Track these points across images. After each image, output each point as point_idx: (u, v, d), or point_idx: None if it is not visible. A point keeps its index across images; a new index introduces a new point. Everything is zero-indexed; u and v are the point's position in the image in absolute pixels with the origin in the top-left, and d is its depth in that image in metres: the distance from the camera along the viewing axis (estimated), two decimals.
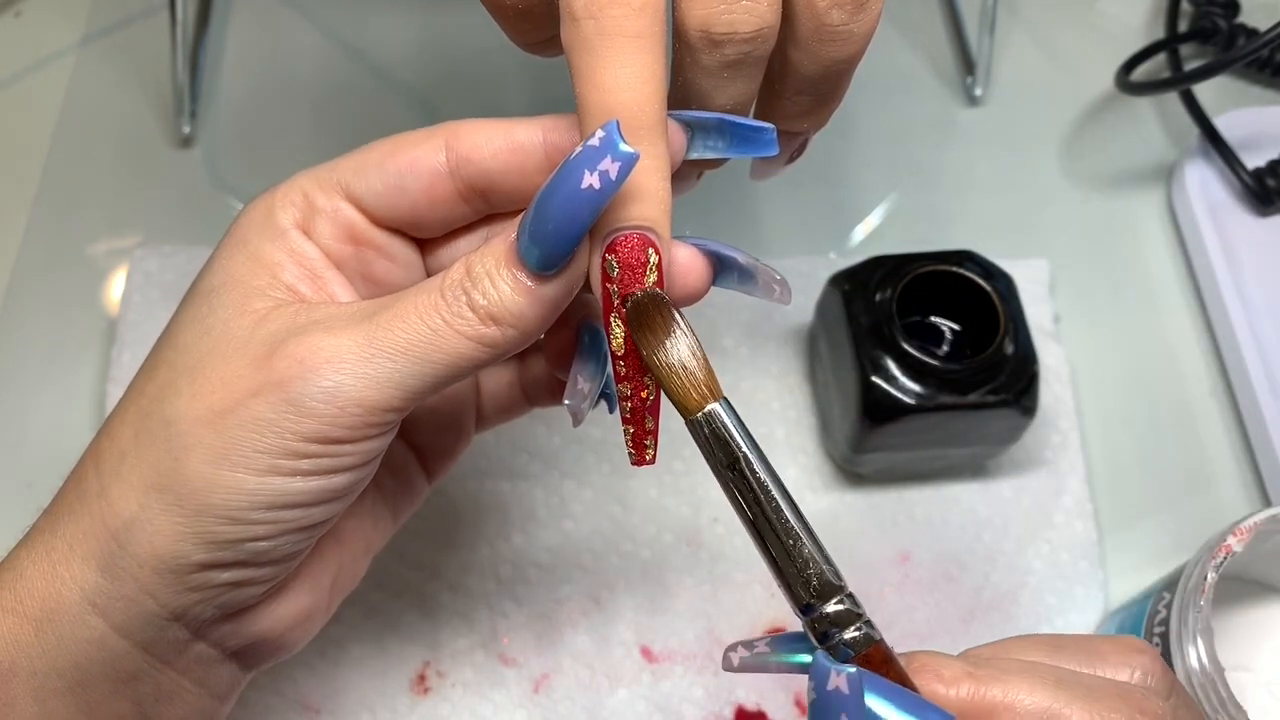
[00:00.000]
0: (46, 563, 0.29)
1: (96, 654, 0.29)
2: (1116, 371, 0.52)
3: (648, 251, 0.28)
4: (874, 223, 0.55)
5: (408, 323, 0.28)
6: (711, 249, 0.30)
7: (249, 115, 0.57)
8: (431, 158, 0.30)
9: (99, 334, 0.50)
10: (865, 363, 0.43)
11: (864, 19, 0.29)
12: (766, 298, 0.32)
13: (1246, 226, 0.54)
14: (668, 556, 0.46)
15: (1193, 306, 0.53)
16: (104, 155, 0.55)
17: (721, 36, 0.27)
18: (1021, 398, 0.43)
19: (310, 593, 0.32)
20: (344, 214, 0.31)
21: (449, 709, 0.43)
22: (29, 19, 0.59)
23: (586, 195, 0.26)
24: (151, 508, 0.28)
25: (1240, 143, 0.54)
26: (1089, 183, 0.57)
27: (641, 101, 0.27)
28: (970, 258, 0.45)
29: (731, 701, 0.43)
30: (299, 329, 0.28)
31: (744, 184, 0.49)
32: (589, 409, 0.32)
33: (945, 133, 0.58)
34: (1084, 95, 0.59)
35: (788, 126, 0.32)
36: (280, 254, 0.30)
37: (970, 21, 0.59)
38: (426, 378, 0.28)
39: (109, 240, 0.53)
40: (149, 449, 0.28)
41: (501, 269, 0.28)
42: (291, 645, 0.33)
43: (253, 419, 0.28)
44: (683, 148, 0.29)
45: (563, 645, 0.44)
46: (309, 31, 0.59)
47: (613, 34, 0.26)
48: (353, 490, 0.30)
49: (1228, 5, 0.58)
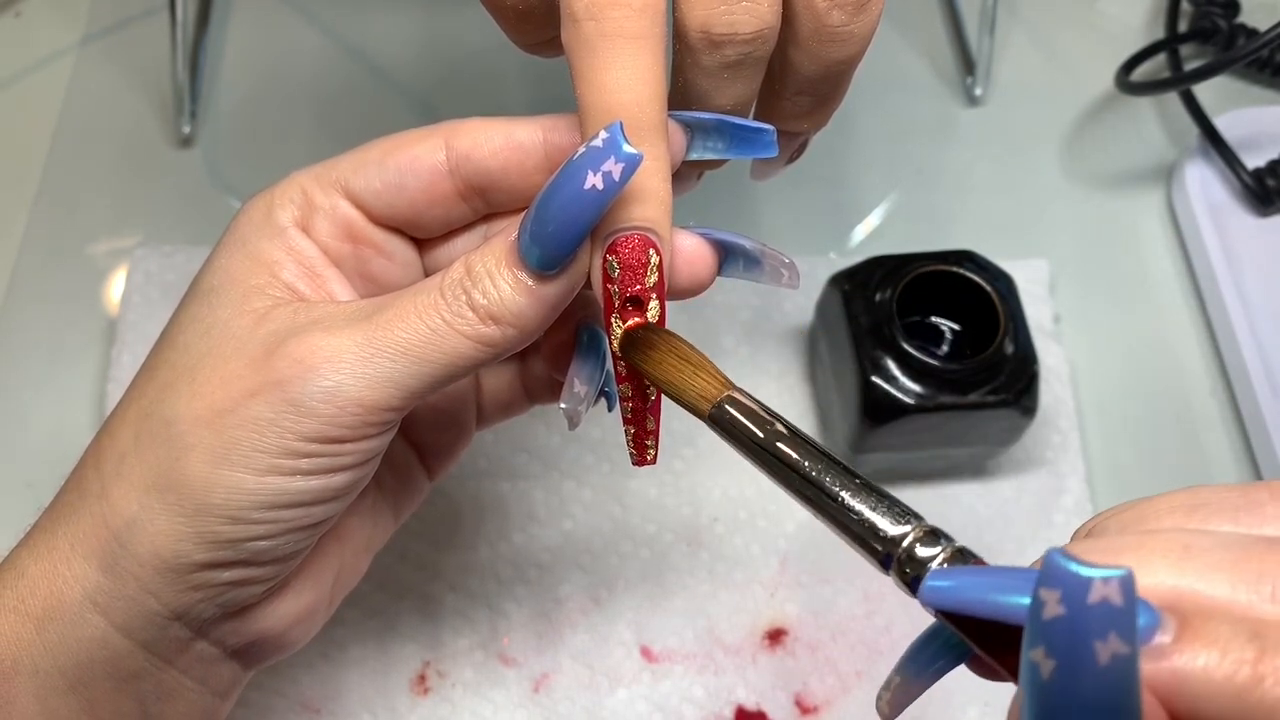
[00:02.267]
0: (48, 561, 0.29)
1: (98, 653, 0.29)
2: (1116, 371, 0.52)
3: (649, 252, 0.28)
4: (874, 223, 0.55)
5: (407, 322, 0.28)
6: (716, 237, 0.30)
7: (249, 115, 0.57)
8: (431, 156, 0.30)
9: (99, 334, 0.50)
10: (865, 363, 0.43)
11: (864, 19, 0.29)
12: (774, 283, 0.32)
13: (1246, 226, 0.54)
14: (667, 556, 0.46)
15: (1193, 306, 0.53)
16: (104, 155, 0.55)
17: (722, 37, 0.27)
18: (1021, 398, 0.43)
19: (311, 591, 0.32)
20: (343, 212, 0.31)
21: (449, 709, 0.43)
22: (29, 19, 0.59)
23: (589, 196, 0.26)
24: (152, 507, 0.28)
25: (1240, 143, 0.54)
26: (1089, 183, 0.57)
27: (642, 102, 0.27)
28: (970, 258, 0.45)
29: (731, 701, 0.43)
30: (298, 328, 0.28)
31: (744, 184, 0.49)
32: (585, 411, 0.32)
33: (945, 133, 0.58)
34: (1084, 95, 0.59)
35: (788, 127, 0.32)
36: (279, 252, 0.30)
37: (970, 21, 0.59)
38: (426, 377, 0.28)
39: (109, 240, 0.53)
40: (149, 449, 0.29)
41: (502, 268, 0.28)
42: (293, 643, 0.33)
43: (252, 418, 0.28)
44: (682, 148, 0.29)
45: (563, 645, 0.44)
46: (309, 31, 0.59)
47: (613, 35, 0.26)
48: (353, 489, 0.30)
49: (1228, 5, 0.58)
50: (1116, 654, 0.18)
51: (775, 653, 0.44)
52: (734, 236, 0.31)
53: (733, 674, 0.44)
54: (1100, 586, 0.18)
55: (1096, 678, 0.18)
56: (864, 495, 0.25)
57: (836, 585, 0.45)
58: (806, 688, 0.43)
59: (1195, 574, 0.20)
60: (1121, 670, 0.18)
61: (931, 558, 0.23)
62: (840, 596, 0.45)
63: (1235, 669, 0.18)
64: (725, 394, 0.28)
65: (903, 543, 0.24)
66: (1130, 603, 0.18)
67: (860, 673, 0.44)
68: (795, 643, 0.44)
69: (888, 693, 0.26)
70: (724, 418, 0.27)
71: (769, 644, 0.44)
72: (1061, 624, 0.18)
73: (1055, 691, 0.18)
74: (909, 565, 0.23)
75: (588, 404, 0.32)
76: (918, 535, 0.24)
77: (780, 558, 0.46)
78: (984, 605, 0.21)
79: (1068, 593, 0.18)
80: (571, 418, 0.31)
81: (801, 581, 0.45)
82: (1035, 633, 0.18)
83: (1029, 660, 0.18)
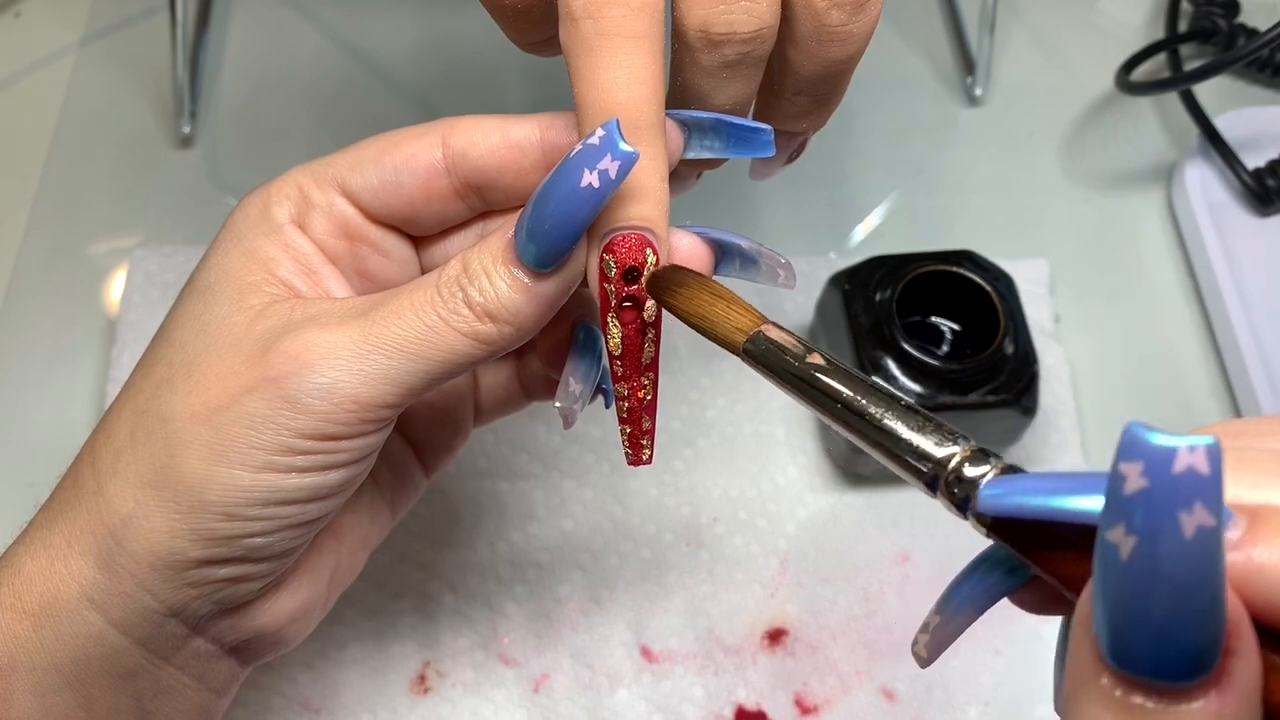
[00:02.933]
0: (45, 559, 0.29)
1: (95, 650, 0.29)
2: (1116, 371, 0.51)
3: (645, 252, 0.28)
4: (874, 223, 0.55)
5: (404, 319, 0.28)
6: (713, 236, 0.30)
7: (249, 115, 0.57)
8: (428, 154, 0.30)
9: (99, 334, 0.50)
10: (865, 363, 0.43)
11: (863, 19, 0.29)
12: (771, 283, 0.32)
13: (1246, 226, 0.54)
14: (667, 556, 0.46)
15: (1193, 306, 0.53)
16: (104, 155, 0.55)
17: (720, 37, 0.27)
18: (1021, 398, 0.43)
19: (308, 588, 0.32)
20: (339, 209, 0.31)
21: (449, 709, 0.43)
22: (29, 19, 0.59)
23: (585, 194, 0.26)
24: (148, 504, 0.28)
25: (1240, 143, 0.54)
26: (1089, 183, 0.57)
27: (640, 101, 0.27)
28: (970, 258, 0.45)
29: (731, 701, 0.43)
30: (294, 325, 0.28)
31: (744, 183, 0.49)
32: (580, 410, 0.32)
33: (945, 133, 0.58)
34: (1084, 95, 0.59)
35: (787, 127, 0.32)
36: (275, 249, 0.30)
37: (970, 21, 0.59)
38: (422, 374, 0.28)
39: (109, 240, 0.53)
40: (145, 446, 0.29)
41: (498, 266, 0.28)
42: (290, 640, 0.33)
43: (248, 415, 0.28)
44: (679, 147, 0.29)
45: (563, 645, 0.44)
46: (309, 31, 0.59)
47: (611, 34, 0.26)
48: (349, 486, 0.30)
49: (1228, 5, 0.58)
50: (1202, 526, 0.17)
51: (775, 653, 0.44)
52: (730, 236, 0.31)
53: (733, 674, 0.44)
54: (1186, 455, 0.16)
55: (1182, 551, 0.17)
56: (908, 418, 0.24)
57: (836, 585, 0.45)
58: (806, 688, 0.43)
59: (1251, 483, 0.20)
60: (1208, 545, 0.17)
61: (981, 476, 0.22)
62: (840, 596, 0.45)
63: None
64: (759, 327, 0.27)
65: (950, 463, 0.23)
66: (1217, 472, 0.17)
67: (860, 673, 0.44)
68: (795, 643, 0.44)
69: (925, 635, 0.25)
70: (759, 350, 0.27)
71: (769, 644, 0.44)
72: (1144, 497, 0.17)
73: (1136, 572, 0.17)
74: (957, 485, 0.23)
75: (583, 403, 0.32)
76: (965, 455, 0.23)
77: (780, 558, 0.46)
78: (1048, 509, 0.20)
79: (1151, 464, 0.17)
80: (566, 416, 0.31)
81: (801, 581, 0.45)
82: (1115, 510, 0.17)
83: (1105, 543, 0.17)
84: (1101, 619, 0.18)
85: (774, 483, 0.47)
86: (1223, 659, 0.17)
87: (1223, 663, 0.17)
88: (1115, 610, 0.18)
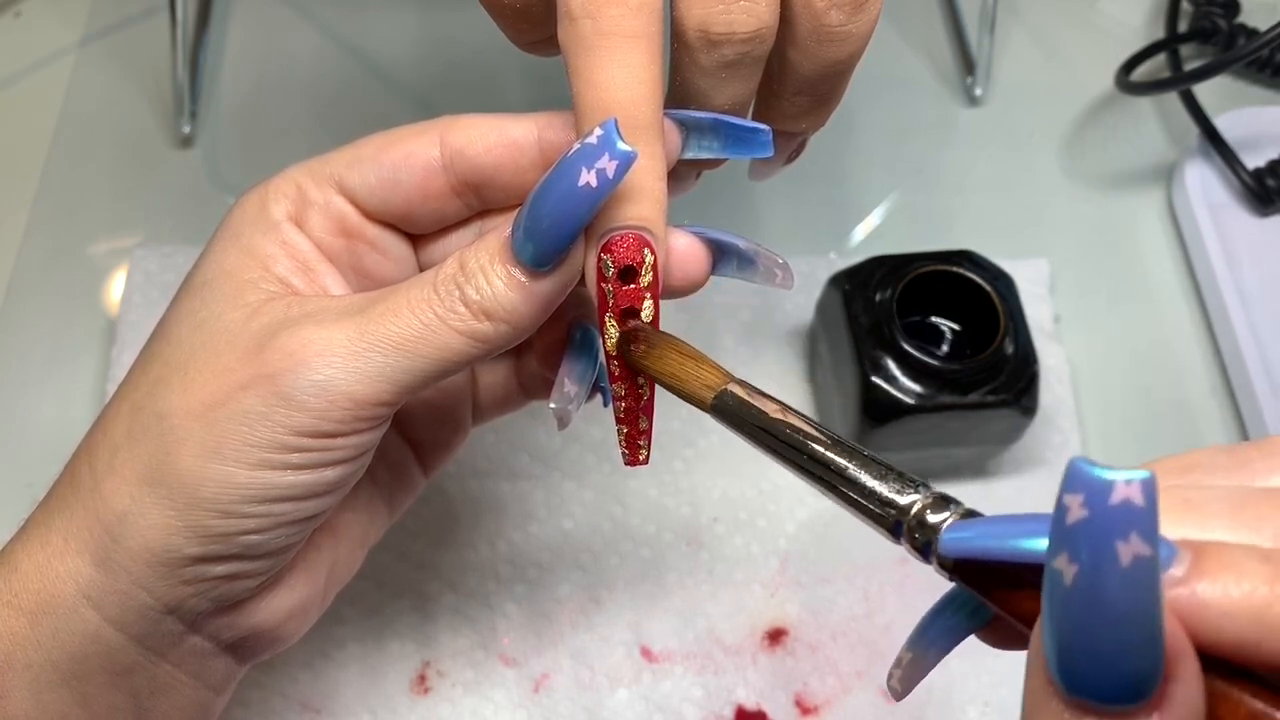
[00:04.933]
0: (41, 556, 0.29)
1: (91, 647, 0.29)
2: (1116, 371, 0.51)
3: (643, 251, 0.28)
4: (874, 223, 0.55)
5: (400, 317, 0.28)
6: (710, 236, 0.30)
7: (249, 115, 0.57)
8: (425, 152, 0.30)
9: (99, 334, 0.50)
10: (865, 363, 0.43)
11: (862, 19, 0.29)
12: (768, 283, 0.32)
13: (1246, 226, 0.53)
14: (667, 556, 0.46)
15: (1193, 306, 0.53)
16: (104, 155, 0.55)
17: (720, 37, 0.27)
18: (1021, 398, 0.43)
19: (305, 585, 0.32)
20: (336, 207, 0.31)
21: (449, 709, 0.43)
22: (29, 19, 0.59)
23: (583, 193, 0.26)
24: (144, 501, 0.28)
25: (1240, 143, 0.54)
26: (1089, 183, 0.57)
27: (638, 101, 0.27)
28: (970, 258, 0.45)
29: (731, 701, 0.43)
30: (291, 322, 0.28)
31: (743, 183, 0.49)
32: (576, 410, 0.32)
33: (945, 133, 0.58)
34: (1084, 95, 0.59)
35: (786, 127, 0.32)
36: (273, 246, 0.30)
37: (970, 21, 0.59)
38: (418, 372, 0.28)
39: (109, 240, 0.53)
40: (141, 443, 0.29)
41: (495, 264, 0.28)
42: (287, 638, 0.33)
43: (243, 412, 0.28)
44: (677, 147, 0.29)
45: (562, 645, 0.44)
46: (309, 31, 0.59)
47: (610, 33, 0.26)
48: (345, 484, 0.30)
49: (1228, 5, 0.58)
50: (1139, 555, 0.17)
51: (775, 653, 0.44)
52: (728, 236, 0.31)
53: (733, 674, 0.44)
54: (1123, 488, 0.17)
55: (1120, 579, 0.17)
56: (870, 468, 0.25)
57: (836, 585, 0.45)
58: (806, 688, 0.43)
59: (1197, 524, 0.20)
60: (1143, 573, 0.17)
61: (941, 521, 0.23)
62: (840, 596, 0.45)
63: (1252, 589, 0.19)
64: (726, 383, 0.28)
65: (912, 510, 0.24)
66: (1151, 504, 0.17)
67: (860, 673, 0.44)
68: (795, 643, 0.44)
69: (898, 670, 0.26)
70: (727, 406, 0.27)
71: (769, 644, 0.44)
72: (1084, 527, 0.18)
73: (1077, 598, 0.18)
74: (919, 531, 0.23)
75: (578, 403, 0.32)
76: (926, 502, 0.24)
77: (780, 558, 0.46)
78: (1004, 550, 0.21)
79: (1090, 495, 0.17)
80: (561, 417, 0.31)
81: (801, 581, 0.45)
82: (1059, 540, 0.18)
83: (1051, 571, 0.18)
84: (1050, 643, 0.18)
85: (774, 483, 0.47)
86: (1164, 684, 0.18)
87: (1163, 687, 0.18)
88: (1061, 634, 0.18)
